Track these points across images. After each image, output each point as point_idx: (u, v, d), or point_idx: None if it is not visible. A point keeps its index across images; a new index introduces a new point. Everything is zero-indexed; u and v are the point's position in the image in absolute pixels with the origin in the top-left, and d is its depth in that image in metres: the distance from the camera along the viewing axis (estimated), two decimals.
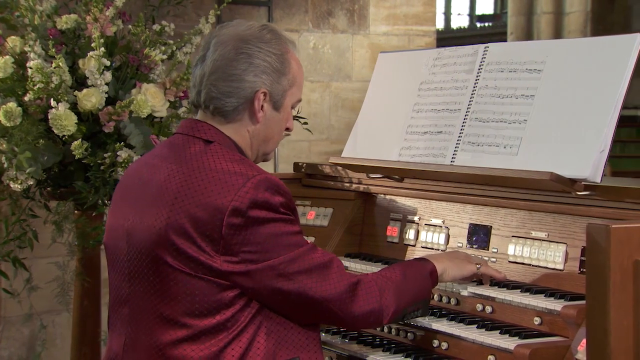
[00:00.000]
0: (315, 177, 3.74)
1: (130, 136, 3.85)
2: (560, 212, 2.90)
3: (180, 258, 2.50)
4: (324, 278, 2.56)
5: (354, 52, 6.41)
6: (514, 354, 2.62)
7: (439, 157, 3.12)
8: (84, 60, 3.97)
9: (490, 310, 2.91)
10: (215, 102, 2.63)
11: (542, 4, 12.87)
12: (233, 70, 2.60)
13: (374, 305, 2.64)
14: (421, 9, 6.68)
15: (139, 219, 2.61)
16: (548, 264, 2.91)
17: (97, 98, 3.85)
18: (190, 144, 2.64)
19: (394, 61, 3.50)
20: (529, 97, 2.93)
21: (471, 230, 3.16)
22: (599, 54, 2.79)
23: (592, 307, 2.21)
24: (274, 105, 2.66)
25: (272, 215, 2.51)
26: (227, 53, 2.61)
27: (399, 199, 3.44)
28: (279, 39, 2.67)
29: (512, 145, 2.92)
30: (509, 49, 3.09)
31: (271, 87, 2.63)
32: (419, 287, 2.78)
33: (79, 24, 4.13)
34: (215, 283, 2.50)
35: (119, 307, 2.70)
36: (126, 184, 2.77)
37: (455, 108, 3.14)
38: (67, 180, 4.00)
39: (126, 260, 2.64)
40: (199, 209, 2.49)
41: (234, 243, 2.48)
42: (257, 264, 2.49)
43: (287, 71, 2.66)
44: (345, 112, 6.41)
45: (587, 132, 2.74)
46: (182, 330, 2.52)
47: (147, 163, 2.72)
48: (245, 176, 2.51)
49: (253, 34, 2.63)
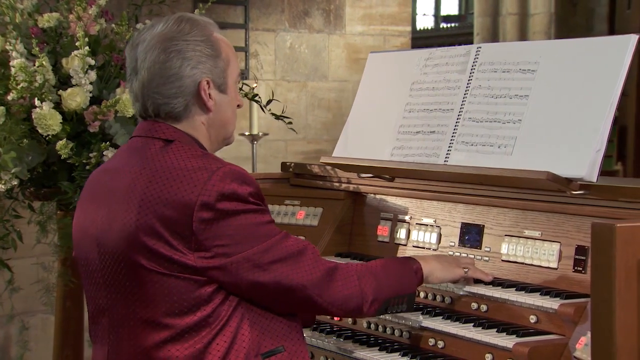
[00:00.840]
0: (304, 176, 3.74)
1: (116, 136, 3.82)
2: (554, 211, 2.93)
3: (153, 259, 2.48)
4: (299, 265, 2.56)
5: (330, 52, 6.42)
6: (513, 352, 2.64)
7: (432, 156, 3.14)
8: (68, 59, 3.94)
9: (485, 308, 2.93)
10: (164, 107, 2.62)
11: (507, 5, 12.96)
12: (169, 71, 2.59)
13: (352, 290, 2.64)
14: (396, 9, 6.71)
15: (107, 225, 2.58)
16: (542, 262, 2.94)
17: (82, 97, 3.82)
18: (150, 145, 2.62)
19: (385, 61, 3.51)
20: (523, 97, 2.95)
21: (463, 230, 3.18)
22: (594, 54, 2.82)
23: (597, 306, 2.23)
24: (219, 89, 2.65)
25: (242, 206, 2.50)
26: (157, 57, 2.59)
27: (390, 199, 3.45)
28: (197, 25, 2.65)
29: (506, 145, 2.94)
30: (501, 49, 3.11)
31: (211, 74, 2.63)
32: (402, 280, 2.77)
33: (61, 23, 4.09)
34: (191, 280, 2.48)
35: (98, 317, 2.66)
36: (88, 193, 2.74)
37: (448, 108, 3.16)
38: (50, 180, 3.96)
39: (100, 269, 2.62)
40: (167, 207, 2.47)
41: (206, 238, 2.46)
42: (230, 257, 2.48)
43: (219, 52, 2.65)
44: (321, 112, 6.42)
45: (583, 132, 2.76)
46: (165, 332, 2.51)
47: (108, 170, 2.70)
48: (210, 170, 2.50)
49: (173, 30, 2.61)
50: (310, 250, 2.60)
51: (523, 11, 13.00)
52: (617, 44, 2.77)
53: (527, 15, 13.03)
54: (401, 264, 2.82)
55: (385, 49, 6.60)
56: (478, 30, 12.93)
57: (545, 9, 13.04)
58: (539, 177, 2.75)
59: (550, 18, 13.09)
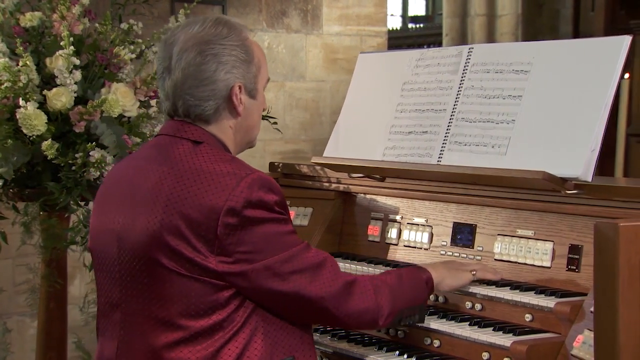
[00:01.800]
0: (292, 177, 3.74)
1: (102, 136, 3.79)
2: (547, 211, 2.95)
3: (175, 259, 2.49)
4: (318, 277, 2.57)
5: (307, 52, 6.43)
6: (511, 351, 2.66)
7: (424, 156, 3.15)
8: (51, 59, 3.91)
9: (480, 307, 2.95)
10: (195, 109, 2.63)
11: (475, 6, 13.02)
12: (204, 74, 2.60)
13: (369, 303, 2.66)
14: (373, 10, 6.73)
15: (131, 222, 2.59)
16: (535, 261, 2.96)
17: (67, 97, 3.79)
18: (178, 145, 2.63)
19: (375, 61, 3.53)
20: (517, 98, 2.97)
21: (455, 229, 3.20)
22: (588, 55, 2.85)
23: (601, 304, 2.26)
24: (249, 95, 2.67)
25: (267, 214, 2.52)
26: (193, 59, 2.60)
27: (380, 198, 3.47)
28: (234, 29, 2.66)
29: (500, 145, 2.96)
30: (493, 50, 3.13)
31: (244, 79, 2.64)
32: (415, 292, 2.80)
33: (44, 22, 4.06)
34: (210, 284, 2.49)
35: (110, 311, 2.67)
36: (111, 187, 2.74)
37: (441, 108, 3.17)
38: (34, 180, 3.92)
39: (117, 264, 2.62)
40: (193, 210, 2.49)
41: (229, 243, 2.48)
42: (252, 264, 2.50)
43: (252, 57, 2.67)
44: (299, 112, 6.42)
45: (577, 132, 2.79)
46: (178, 332, 2.51)
47: (134, 166, 2.70)
48: (239, 176, 2.51)
49: (210, 33, 2.62)
50: (329, 263, 2.62)
51: (491, 12, 13.07)
52: (611, 45, 2.80)
53: (495, 17, 13.11)
54: (413, 275, 2.83)
55: (362, 49, 6.62)
56: (447, 31, 12.98)
57: (512, 10, 13.13)
58: (535, 177, 2.78)
59: (517, 19, 13.18)
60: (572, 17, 15.09)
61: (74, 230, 3.73)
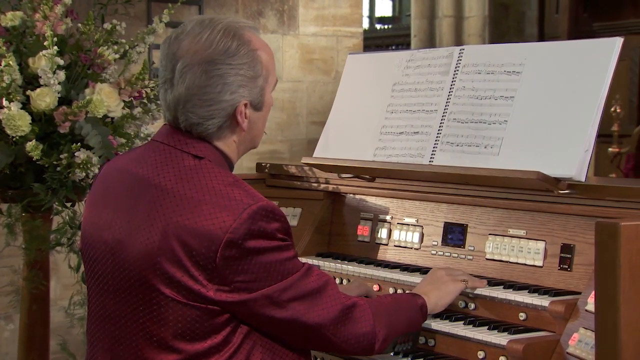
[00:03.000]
0: (280, 177, 3.74)
1: (87, 137, 3.76)
2: (538, 210, 2.98)
3: (172, 286, 2.42)
4: (317, 303, 2.52)
5: (284, 53, 6.43)
6: (507, 349, 2.68)
7: (416, 157, 3.17)
8: (34, 59, 3.88)
9: (473, 306, 2.97)
10: (197, 127, 2.54)
11: (443, 8, 13.10)
12: (208, 95, 2.50)
13: (367, 328, 2.62)
14: (348, 11, 6.74)
15: (127, 238, 2.50)
16: (527, 261, 2.98)
17: (52, 98, 3.76)
18: (179, 159, 2.53)
19: (364, 62, 3.53)
20: (509, 99, 3.00)
21: (446, 229, 3.21)
22: (580, 56, 2.88)
23: (602, 303, 2.28)
24: (255, 108, 2.59)
25: (268, 243, 2.44)
26: (197, 79, 2.49)
27: (370, 199, 3.48)
28: (243, 42, 2.52)
29: (493, 145, 2.98)
30: (484, 51, 3.15)
31: (250, 96, 2.55)
32: (411, 318, 2.77)
33: (25, 22, 4.03)
34: (207, 310, 2.43)
35: (103, 322, 2.60)
36: (106, 193, 2.65)
37: (432, 109, 3.19)
38: (17, 181, 3.89)
39: (111, 277, 2.55)
40: (192, 237, 2.40)
41: (228, 273, 2.41)
42: (250, 294, 2.43)
43: (260, 71, 2.55)
44: (275, 112, 6.42)
45: (571, 132, 2.82)
46: (173, 355, 2.46)
47: (132, 173, 2.59)
48: (241, 206, 2.41)
49: (218, 50, 2.48)
50: (330, 287, 2.56)
51: (458, 14, 13.16)
52: (604, 47, 2.83)
53: (462, 18, 13.21)
54: (409, 301, 2.80)
55: (338, 50, 6.64)
56: (415, 32, 13.04)
57: (479, 12, 13.24)
58: (529, 177, 2.80)
59: (484, 21, 13.29)
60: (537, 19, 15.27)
61: (60, 232, 3.70)
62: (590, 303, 2.64)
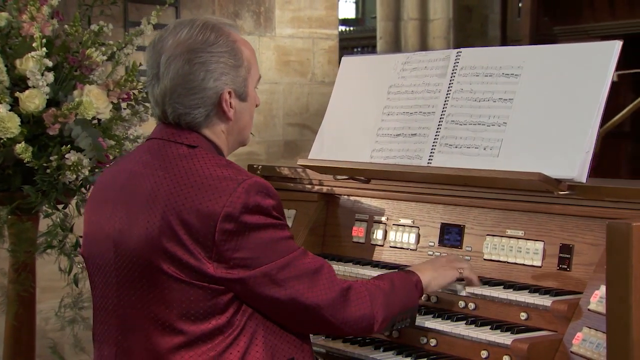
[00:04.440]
0: (273, 179, 3.73)
1: (78, 139, 3.74)
2: (536, 211, 3.01)
3: (174, 265, 2.49)
4: (315, 284, 2.58)
5: (260, 54, 6.42)
6: (512, 349, 2.71)
7: (414, 158, 3.19)
8: (21, 60, 3.85)
9: (473, 307, 3.00)
10: (185, 117, 2.63)
11: (408, 10, 13.17)
12: (192, 83, 2.60)
13: (365, 310, 2.67)
14: (324, 13, 6.76)
15: (128, 227, 2.58)
16: (525, 261, 3.02)
17: (40, 99, 3.74)
18: (172, 149, 2.63)
19: (359, 65, 3.56)
20: (507, 101, 3.03)
21: (443, 230, 3.24)
22: (580, 59, 2.92)
23: (613, 303, 2.32)
24: (240, 98, 2.67)
25: (264, 220, 2.52)
26: (180, 69, 2.59)
27: (364, 200, 3.49)
28: (222, 33, 2.64)
29: (492, 147, 3.01)
30: (482, 54, 3.18)
31: (233, 84, 2.64)
32: (407, 296, 2.82)
33: (10, 22, 3.99)
34: (209, 289, 2.49)
35: (107, 317, 2.65)
36: (105, 192, 2.72)
37: (429, 111, 3.21)
38: (5, 184, 3.85)
39: (114, 269, 2.61)
40: (190, 215, 2.48)
41: (226, 249, 2.48)
42: (249, 271, 2.50)
43: (242, 61, 2.65)
44: None
45: (572, 134, 2.85)
46: (179, 337, 2.51)
47: (128, 170, 2.68)
48: (236, 181, 2.51)
49: (198, 40, 2.60)
50: (326, 269, 2.62)
51: (423, 16, 13.24)
52: (603, 50, 2.87)
53: (427, 21, 13.28)
54: (404, 279, 2.85)
55: (314, 51, 6.66)
56: (381, 34, 13.10)
57: (444, 15, 13.33)
58: (532, 179, 2.83)
59: (448, 23, 13.37)
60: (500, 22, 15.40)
61: (51, 235, 3.68)
62: (593, 302, 2.68)
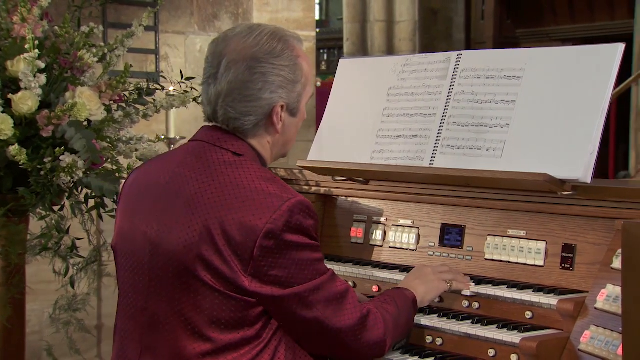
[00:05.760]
0: None
1: (72, 141, 3.72)
2: (538, 212, 3.05)
3: (210, 273, 2.49)
4: (340, 309, 2.61)
5: None
6: (521, 347, 2.74)
7: (415, 159, 3.21)
8: (12, 62, 3.82)
9: (477, 306, 3.03)
10: (234, 122, 2.64)
11: (374, 12, 13.25)
12: (249, 91, 2.60)
13: (379, 336, 2.72)
14: (301, 15, 6.78)
15: (167, 229, 2.57)
16: (527, 260, 3.06)
17: (33, 101, 3.72)
18: (218, 154, 2.63)
19: (357, 67, 3.57)
20: (510, 103, 3.06)
21: (443, 230, 3.27)
22: (582, 62, 2.96)
23: (629, 302, 2.34)
24: (290, 113, 2.69)
25: (303, 240, 2.53)
26: (240, 74, 2.59)
27: (363, 201, 3.51)
28: (287, 47, 2.65)
29: (495, 148, 3.05)
30: (482, 57, 3.21)
31: (288, 99, 2.66)
32: (408, 316, 2.89)
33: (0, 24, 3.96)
34: (242, 301, 2.51)
35: (135, 314, 2.66)
36: (144, 190, 2.71)
37: (430, 113, 3.24)
38: None
39: (148, 268, 2.61)
40: (232, 227, 2.48)
41: (263, 265, 2.49)
42: (282, 289, 2.52)
43: (300, 77, 2.67)
44: None
45: (576, 135, 2.89)
46: (207, 344, 2.52)
47: (170, 171, 2.66)
48: (281, 199, 2.51)
49: (264, 49, 2.60)
50: (350, 294, 2.66)
51: (389, 18, 13.33)
52: (606, 52, 2.92)
53: (393, 23, 13.37)
54: (404, 299, 2.89)
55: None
56: (348, 36, 13.17)
57: (409, 17, 13.44)
58: (537, 179, 2.87)
59: (414, 26, 13.48)
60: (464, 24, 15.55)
61: (46, 237, 3.66)
62: (600, 301, 2.73)
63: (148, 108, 4.06)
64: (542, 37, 16.77)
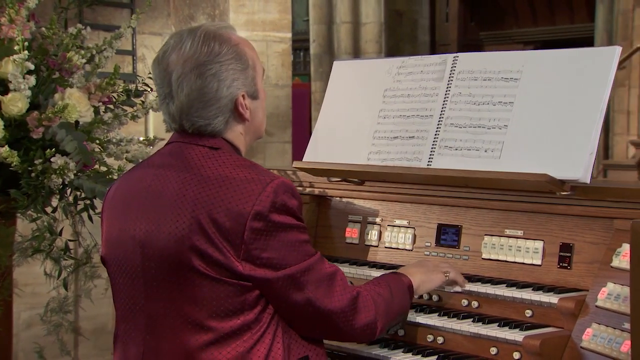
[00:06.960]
0: None
1: (63, 142, 3.70)
2: (535, 212, 3.09)
3: (204, 262, 2.54)
4: (330, 290, 2.67)
5: None
6: (524, 345, 2.78)
7: (413, 160, 3.24)
8: (1, 63, 3.79)
9: (476, 305, 3.06)
10: (206, 128, 2.69)
11: (341, 14, 13.30)
12: (208, 95, 2.66)
13: (370, 318, 2.76)
14: (277, 16, 6.78)
15: (155, 227, 2.61)
16: (525, 259, 3.09)
17: (23, 103, 3.70)
18: (195, 150, 2.68)
19: (351, 69, 3.59)
20: (508, 104, 3.10)
21: (439, 230, 3.29)
22: (580, 64, 3.00)
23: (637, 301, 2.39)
24: (252, 97, 2.74)
25: (289, 220, 2.59)
26: (194, 84, 2.64)
27: (357, 202, 3.53)
28: (224, 40, 2.69)
29: (494, 149, 3.08)
30: (479, 59, 3.24)
31: (245, 86, 2.71)
32: (402, 301, 2.91)
33: None
34: (238, 285, 2.55)
35: (133, 317, 2.69)
36: (128, 196, 2.74)
37: (427, 114, 3.27)
38: None
39: (141, 270, 2.65)
40: (220, 214, 2.53)
41: (254, 248, 2.54)
42: (275, 272, 2.57)
43: (247, 62, 2.71)
44: None
45: (575, 136, 2.93)
46: (208, 334, 2.56)
47: (151, 174, 2.71)
48: (263, 182, 2.57)
49: (204, 53, 2.65)
50: (339, 275, 2.71)
51: (355, 20, 13.39)
52: (604, 55, 2.96)
53: (359, 24, 13.42)
54: (399, 284, 2.92)
55: (268, 54, 6.68)
56: (314, 37, 13.19)
57: (375, 19, 13.50)
58: (538, 180, 2.91)
59: (380, 27, 13.55)
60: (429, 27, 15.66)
61: (39, 239, 3.63)
62: (600, 299, 2.77)
63: (137, 110, 4.05)
64: (505, 39, 16.95)
